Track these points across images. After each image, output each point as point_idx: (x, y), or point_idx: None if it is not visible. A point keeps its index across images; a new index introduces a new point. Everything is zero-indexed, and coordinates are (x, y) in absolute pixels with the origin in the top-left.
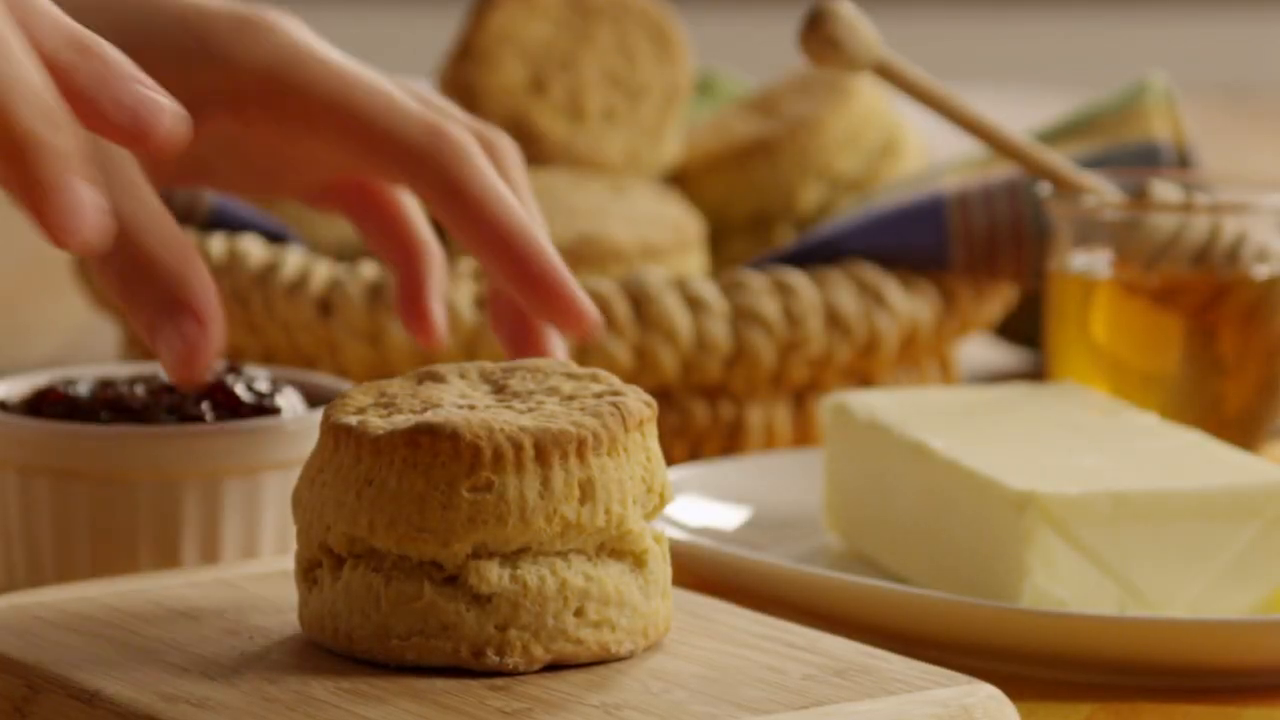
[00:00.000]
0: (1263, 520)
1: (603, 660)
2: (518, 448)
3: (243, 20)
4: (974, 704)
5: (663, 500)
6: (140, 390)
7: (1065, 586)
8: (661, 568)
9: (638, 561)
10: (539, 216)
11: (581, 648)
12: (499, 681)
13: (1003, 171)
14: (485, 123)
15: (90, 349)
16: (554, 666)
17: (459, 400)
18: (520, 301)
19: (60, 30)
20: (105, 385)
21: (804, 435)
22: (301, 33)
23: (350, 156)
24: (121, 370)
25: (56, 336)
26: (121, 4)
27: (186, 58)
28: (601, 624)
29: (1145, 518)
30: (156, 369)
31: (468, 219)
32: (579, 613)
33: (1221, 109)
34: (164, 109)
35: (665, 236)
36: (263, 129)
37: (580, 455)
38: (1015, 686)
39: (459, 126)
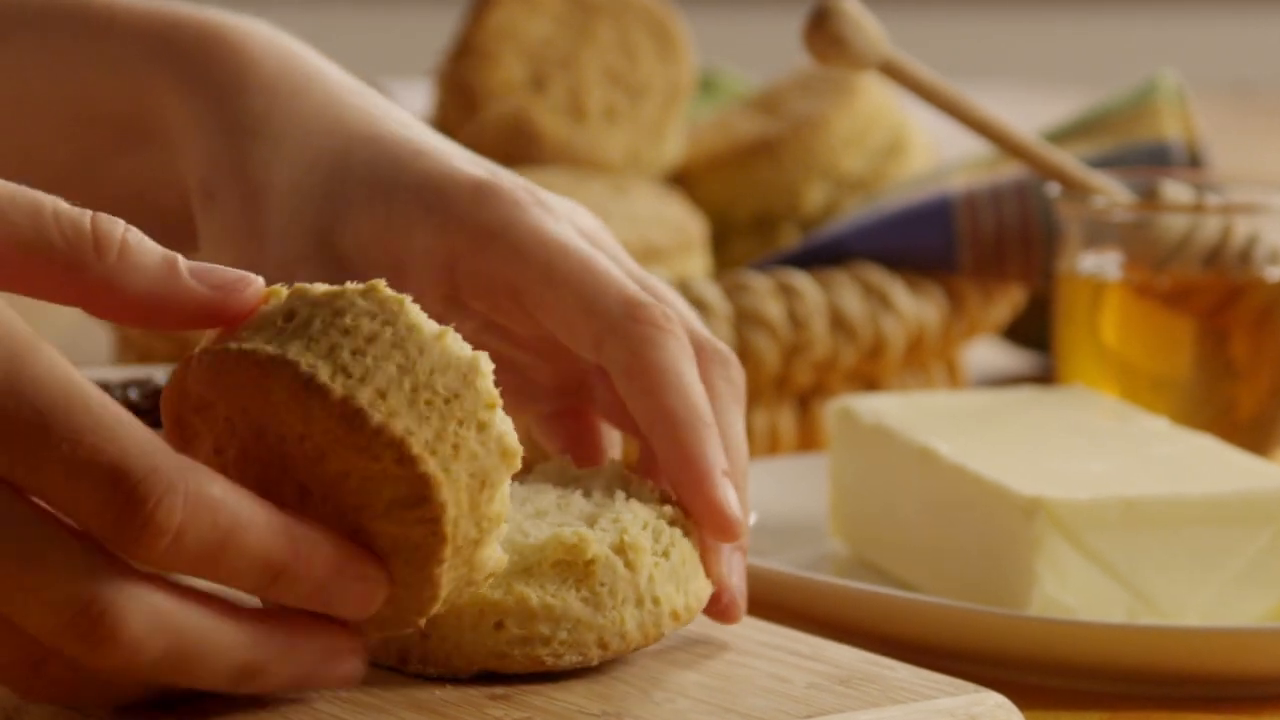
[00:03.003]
0: (1275, 526)
1: (538, 672)
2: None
3: (479, 184)
4: (982, 713)
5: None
6: (134, 394)
7: (1074, 593)
8: (624, 576)
9: (583, 573)
10: (739, 436)
11: (508, 660)
12: (499, 690)
13: (1011, 172)
14: (715, 340)
15: (84, 352)
16: (550, 676)
17: None
18: (674, 491)
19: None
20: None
21: (808, 440)
22: (529, 197)
23: (550, 323)
24: (115, 374)
25: (49, 339)
26: (370, 152)
27: (425, 211)
28: (531, 639)
29: (1156, 524)
30: (150, 372)
31: (642, 395)
32: (499, 627)
33: (1231, 108)
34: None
35: (667, 237)
36: (471, 292)
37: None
38: (1023, 695)
39: (665, 309)
